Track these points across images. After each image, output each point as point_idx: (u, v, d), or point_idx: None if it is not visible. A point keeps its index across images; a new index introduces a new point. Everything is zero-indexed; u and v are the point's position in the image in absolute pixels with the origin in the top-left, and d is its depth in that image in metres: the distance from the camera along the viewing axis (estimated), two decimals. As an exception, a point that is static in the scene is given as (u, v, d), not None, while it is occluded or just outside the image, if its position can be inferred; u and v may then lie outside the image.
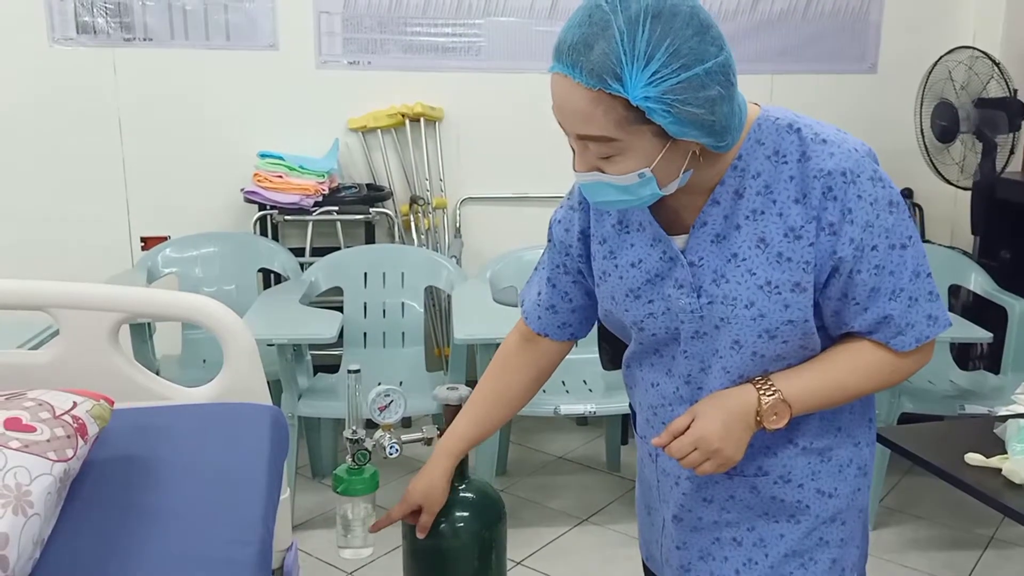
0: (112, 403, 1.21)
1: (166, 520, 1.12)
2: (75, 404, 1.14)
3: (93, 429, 1.15)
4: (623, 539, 2.68)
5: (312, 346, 3.09)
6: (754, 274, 1.10)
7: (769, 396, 1.12)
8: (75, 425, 1.11)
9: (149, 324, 2.81)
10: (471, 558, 1.44)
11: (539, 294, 1.34)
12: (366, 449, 1.42)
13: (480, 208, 3.68)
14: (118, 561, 1.05)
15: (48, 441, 1.06)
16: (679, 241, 1.15)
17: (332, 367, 3.03)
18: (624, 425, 3.17)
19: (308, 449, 3.04)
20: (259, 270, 3.27)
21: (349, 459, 1.43)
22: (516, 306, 2.94)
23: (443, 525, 1.41)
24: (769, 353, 1.12)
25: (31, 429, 1.06)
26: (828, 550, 1.21)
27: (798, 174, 1.08)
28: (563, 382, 2.86)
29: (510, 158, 3.62)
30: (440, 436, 1.46)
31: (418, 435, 1.47)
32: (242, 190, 3.31)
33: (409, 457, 1.55)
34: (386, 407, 1.44)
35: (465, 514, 1.44)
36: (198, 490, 1.18)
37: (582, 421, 3.54)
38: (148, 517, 1.12)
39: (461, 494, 1.45)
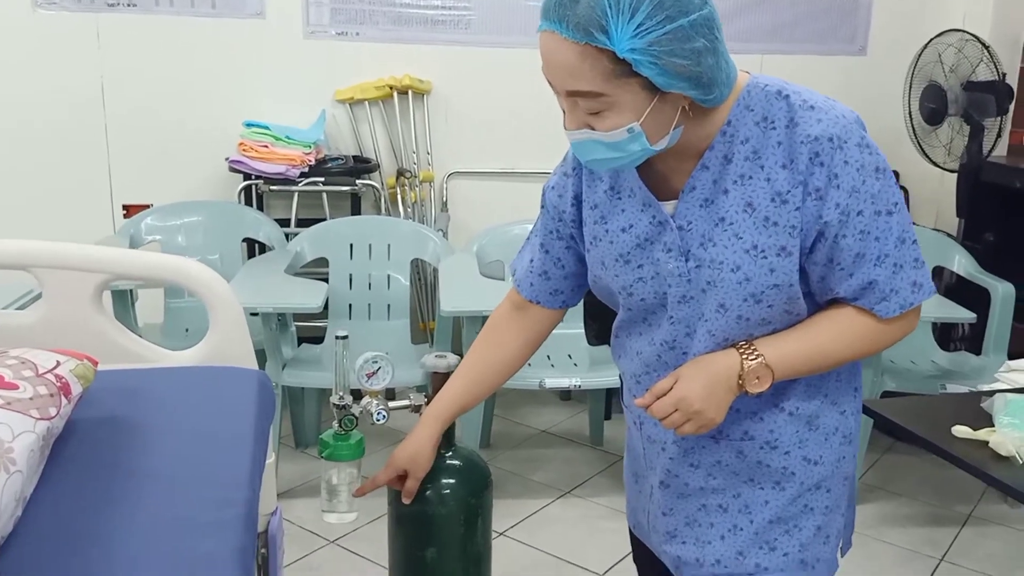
0: (96, 363, 1.20)
1: (151, 481, 1.11)
2: (58, 363, 1.13)
3: (77, 389, 1.13)
4: (607, 512, 2.70)
5: (296, 317, 3.07)
6: (741, 238, 1.10)
7: (752, 360, 1.12)
8: (58, 384, 1.10)
9: (131, 292, 2.78)
10: (457, 525, 1.45)
11: (531, 261, 1.34)
12: (353, 415, 1.41)
13: (467, 182, 3.66)
14: (102, 521, 1.04)
15: (31, 399, 1.05)
16: (668, 206, 1.15)
17: (316, 339, 3.01)
18: (608, 400, 3.18)
19: (292, 419, 3.03)
20: (243, 240, 3.25)
21: (336, 425, 1.42)
22: (503, 279, 2.96)
23: (429, 491, 1.41)
24: (754, 317, 1.12)
25: (13, 387, 1.04)
26: (813, 517, 1.22)
27: (786, 140, 1.08)
28: (548, 356, 2.86)
29: (498, 133, 3.60)
30: (428, 404, 1.46)
31: (405, 402, 1.47)
32: (227, 159, 3.28)
33: (393, 428, 1.54)
34: (374, 374, 1.43)
35: (451, 481, 1.44)
36: (183, 451, 1.17)
37: (565, 396, 3.55)
38: (133, 478, 1.11)
39: (447, 461, 1.45)
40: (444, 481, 1.43)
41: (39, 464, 1.05)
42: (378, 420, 1.42)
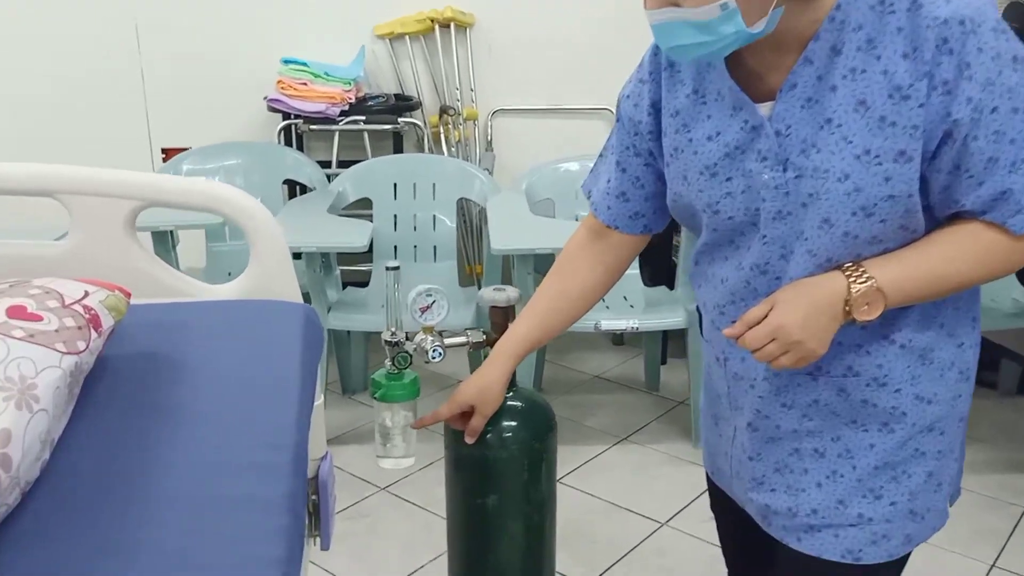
0: (129, 295, 1.10)
1: (191, 422, 1.01)
2: (87, 293, 1.03)
3: (108, 321, 1.03)
4: (665, 458, 2.59)
5: (340, 260, 2.98)
6: (851, 142, 0.95)
7: (861, 283, 0.98)
8: (87, 316, 1.00)
9: (172, 234, 2.70)
10: (520, 470, 1.34)
11: (608, 181, 1.20)
12: (406, 352, 1.30)
13: (512, 120, 3.51)
14: (139, 465, 0.94)
15: (56, 332, 0.95)
16: (764, 108, 1.01)
17: (361, 284, 2.92)
18: (664, 343, 3.05)
19: (338, 365, 2.96)
20: (284, 182, 3.15)
21: (388, 363, 1.31)
22: (554, 218, 2.82)
23: (490, 434, 1.30)
24: (864, 234, 0.98)
25: (37, 318, 0.94)
26: (924, 462, 1.09)
27: (907, 24, 0.92)
28: (603, 299, 2.72)
29: (544, 67, 3.43)
30: (487, 341, 1.34)
31: (462, 339, 1.35)
32: (265, 98, 3.16)
33: (442, 374, 1.44)
34: (428, 308, 1.32)
35: (513, 423, 1.33)
36: (225, 391, 1.07)
37: (618, 340, 3.43)
38: (171, 419, 1.02)
39: (509, 402, 1.34)
40: (506, 423, 1.32)
41: (67, 403, 0.95)
42: (433, 358, 1.31)
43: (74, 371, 0.96)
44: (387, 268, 1.29)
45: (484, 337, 1.34)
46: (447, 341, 1.33)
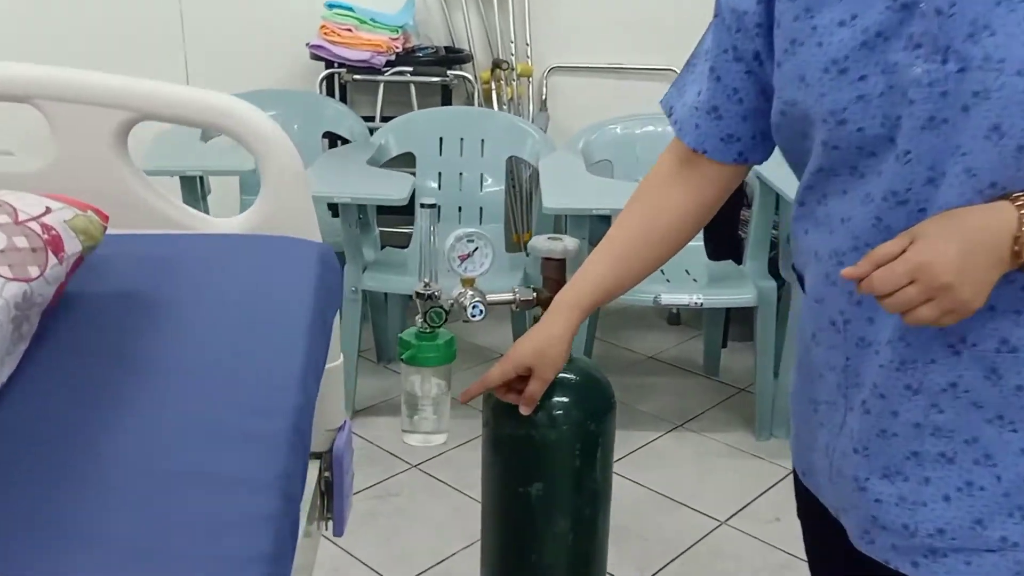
0: (106, 219, 0.90)
1: (167, 377, 0.82)
2: (48, 210, 0.83)
3: (73, 246, 0.84)
4: (725, 449, 2.35)
5: (380, 222, 2.78)
6: None
7: None
8: (45, 237, 0.80)
9: (201, 181, 2.52)
10: (571, 455, 1.12)
11: (698, 94, 0.96)
12: (441, 307, 1.09)
13: (569, 79, 3.27)
14: (95, 427, 0.75)
15: (2, 252, 0.75)
16: None
17: (401, 246, 2.72)
18: (726, 325, 2.80)
19: (374, 331, 2.77)
20: (324, 135, 2.95)
21: (420, 321, 1.10)
22: (613, 179, 2.58)
23: (538, 412, 1.09)
24: None
25: (-23, 235, 0.75)
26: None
27: None
28: (662, 271, 2.49)
29: (607, 22, 3.17)
30: (538, 300, 1.12)
31: (508, 296, 1.14)
32: (307, 45, 2.97)
33: (482, 346, 1.23)
34: (468, 256, 1.10)
35: (566, 399, 1.11)
36: (213, 341, 0.87)
37: (674, 320, 3.18)
38: (145, 371, 0.82)
39: (560, 375, 1.12)
40: (558, 399, 1.10)
41: (13, 343, 0.76)
42: (473, 315, 1.09)
43: (21, 303, 0.76)
44: (422, 205, 1.07)
45: (534, 295, 1.12)
46: (490, 298, 1.12)
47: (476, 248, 1.09)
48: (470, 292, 1.10)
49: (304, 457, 0.81)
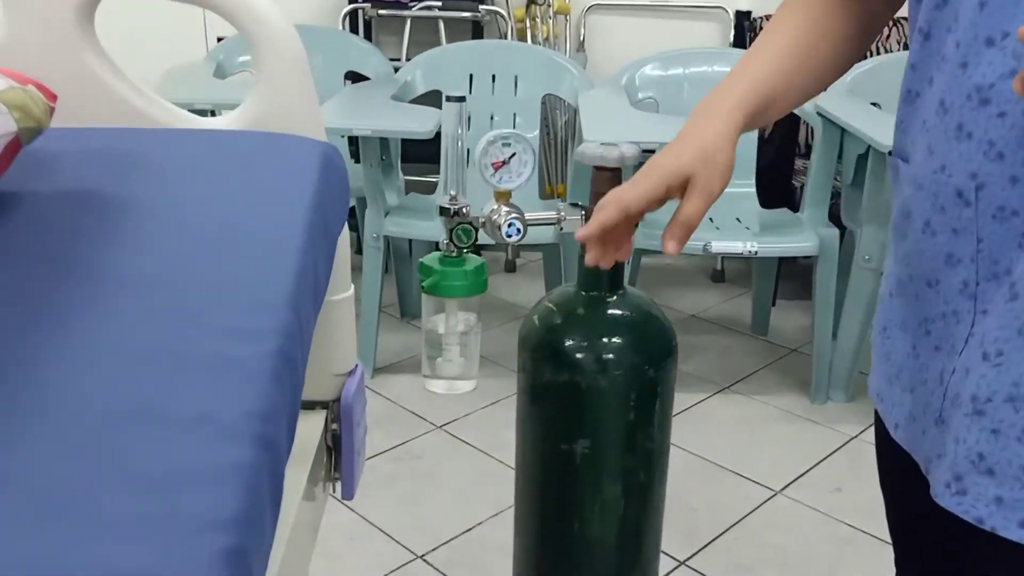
0: (54, 98, 0.72)
1: (124, 290, 0.64)
2: (-30, 77, 0.65)
3: (6, 125, 0.66)
4: (777, 413, 2.15)
5: (406, 170, 2.59)
6: None
7: None
8: (-38, 107, 0.62)
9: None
10: (624, 407, 0.93)
11: None
12: (470, 225, 0.90)
13: (610, 17, 3.05)
14: (31, 342, 0.57)
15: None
16: None
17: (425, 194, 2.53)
18: (777, 281, 2.59)
19: (397, 284, 2.59)
20: (347, 75, 2.76)
21: (444, 241, 0.91)
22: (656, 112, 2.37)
23: (582, 353, 0.90)
24: None
25: None
26: None
27: None
28: (711, 219, 2.28)
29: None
30: (587, 219, 0.93)
31: (551, 213, 0.94)
32: (329, -24, 2.77)
33: (514, 303, 1.03)
34: (504, 163, 0.91)
35: (618, 340, 0.92)
36: (186, 248, 0.69)
37: (718, 277, 2.97)
38: (95, 282, 0.64)
39: (612, 309, 0.93)
40: (608, 340, 0.91)
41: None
42: (509, 235, 0.90)
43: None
44: (447, 98, 0.88)
45: (582, 213, 0.93)
46: (529, 216, 0.92)
47: (514, 154, 0.90)
48: (505, 208, 0.91)
49: (293, 394, 0.63)
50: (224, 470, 0.51)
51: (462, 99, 0.88)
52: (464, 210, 0.90)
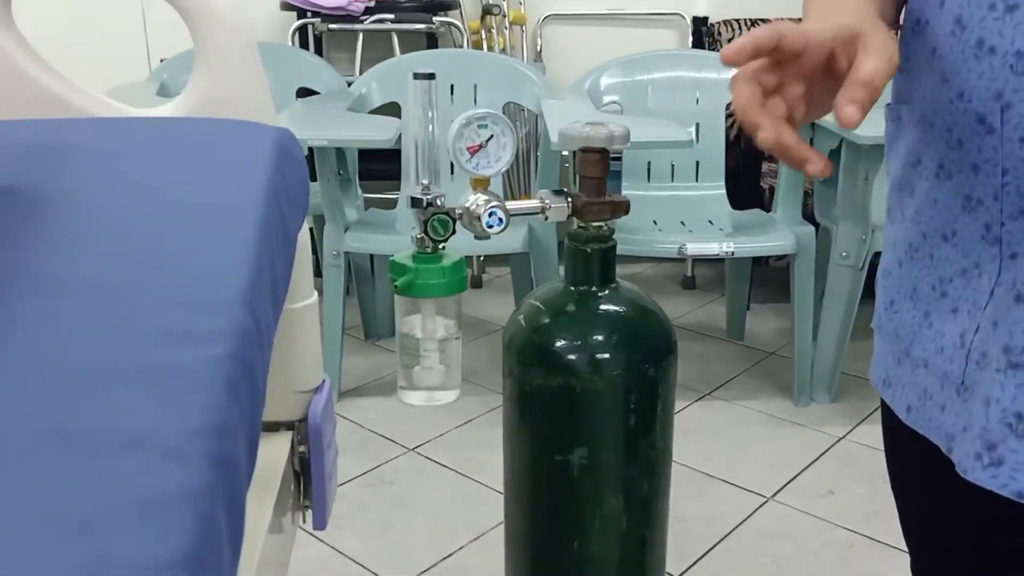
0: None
1: (50, 294, 0.54)
2: None
3: None
4: (761, 418, 2.09)
5: (364, 187, 2.50)
6: None
7: None
8: None
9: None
10: (623, 411, 0.85)
11: None
12: (446, 216, 0.81)
13: (566, 28, 3.00)
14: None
15: None
16: None
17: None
18: (751, 285, 2.54)
19: (360, 304, 2.49)
20: (298, 91, 2.66)
21: (417, 234, 0.82)
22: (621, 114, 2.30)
23: (575, 355, 0.81)
24: None
25: None
26: None
27: None
28: (683, 222, 2.22)
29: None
30: (573, 208, 0.85)
31: (534, 203, 0.86)
32: (277, -9, 2.68)
33: (485, 320, 0.94)
34: (481, 147, 0.82)
35: (615, 336, 0.84)
36: (122, 247, 0.59)
37: (688, 284, 2.92)
38: (15, 286, 0.54)
39: (605, 304, 0.85)
40: (602, 339, 0.82)
41: None
42: (490, 226, 0.81)
43: None
44: (415, 75, 0.79)
45: (568, 201, 0.85)
46: (511, 205, 0.84)
47: (491, 136, 0.81)
48: (484, 197, 0.82)
49: (253, 407, 0.53)
50: (168, 500, 0.41)
51: (431, 76, 0.79)
52: (439, 200, 0.81)
